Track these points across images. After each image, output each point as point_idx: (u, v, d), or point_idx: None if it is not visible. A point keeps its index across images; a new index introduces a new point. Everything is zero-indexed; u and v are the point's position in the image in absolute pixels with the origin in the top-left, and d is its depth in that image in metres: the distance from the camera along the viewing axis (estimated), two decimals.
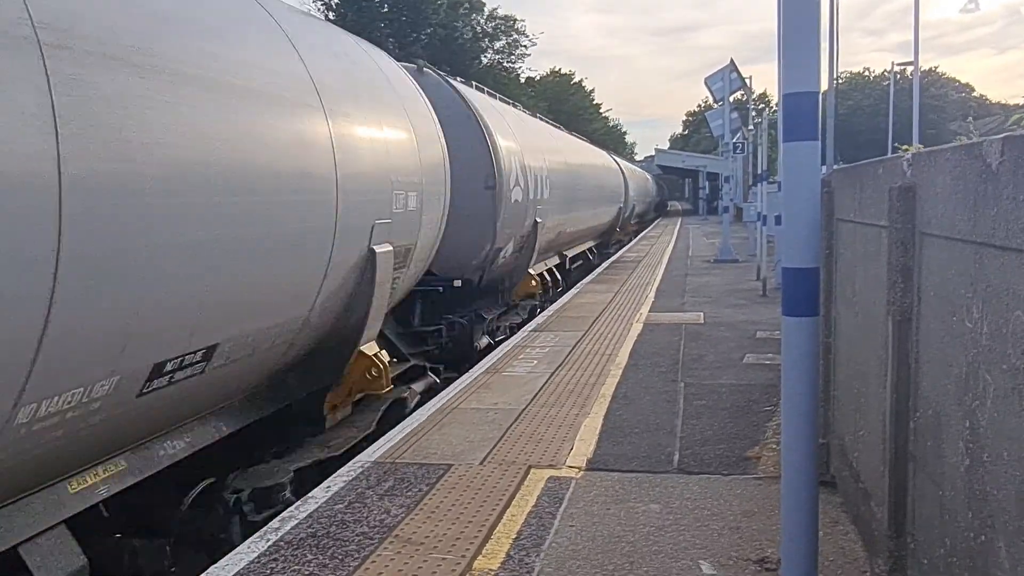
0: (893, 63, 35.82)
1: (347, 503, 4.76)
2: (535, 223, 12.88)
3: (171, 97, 3.94)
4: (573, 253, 19.60)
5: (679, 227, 40.80)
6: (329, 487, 5.02)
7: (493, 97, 13.76)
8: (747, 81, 22.64)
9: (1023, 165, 1.91)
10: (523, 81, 60.74)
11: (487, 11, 55.44)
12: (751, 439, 5.84)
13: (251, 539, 4.31)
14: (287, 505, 5.02)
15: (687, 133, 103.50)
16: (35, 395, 3.29)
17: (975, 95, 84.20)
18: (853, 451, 4.14)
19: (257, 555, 4.08)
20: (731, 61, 21.42)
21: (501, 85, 44.02)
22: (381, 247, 6.44)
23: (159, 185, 3.78)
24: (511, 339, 10.44)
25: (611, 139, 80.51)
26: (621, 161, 35.03)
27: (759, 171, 21.85)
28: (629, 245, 29.75)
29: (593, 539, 4.21)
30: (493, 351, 9.82)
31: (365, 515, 4.57)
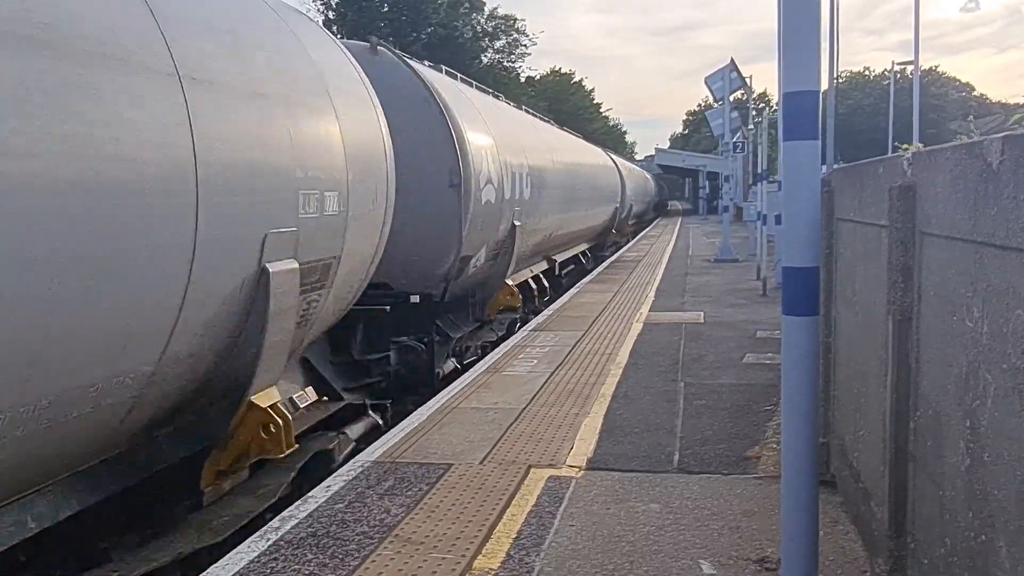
0: (893, 62, 35.81)
1: (347, 502, 4.76)
2: (513, 227, 11.36)
3: None
4: (564, 257, 18.35)
5: (679, 227, 40.81)
6: (329, 486, 5.03)
7: (468, 84, 12.39)
8: (747, 80, 22.67)
9: None
10: (523, 81, 60.79)
11: (487, 10, 55.55)
12: (751, 439, 5.84)
13: (251, 539, 4.31)
14: None
15: (687, 133, 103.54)
16: None
17: (975, 94, 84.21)
18: (853, 451, 4.14)
19: (257, 554, 4.08)
20: (731, 60, 21.45)
21: (501, 84, 44.07)
22: (279, 264, 4.88)
23: None
24: (511, 339, 10.38)
25: (611, 139, 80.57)
26: (618, 159, 33.86)
27: (759, 170, 21.88)
28: (628, 245, 29.72)
29: (593, 539, 4.21)
30: (490, 354, 9.76)
31: (365, 514, 4.57)
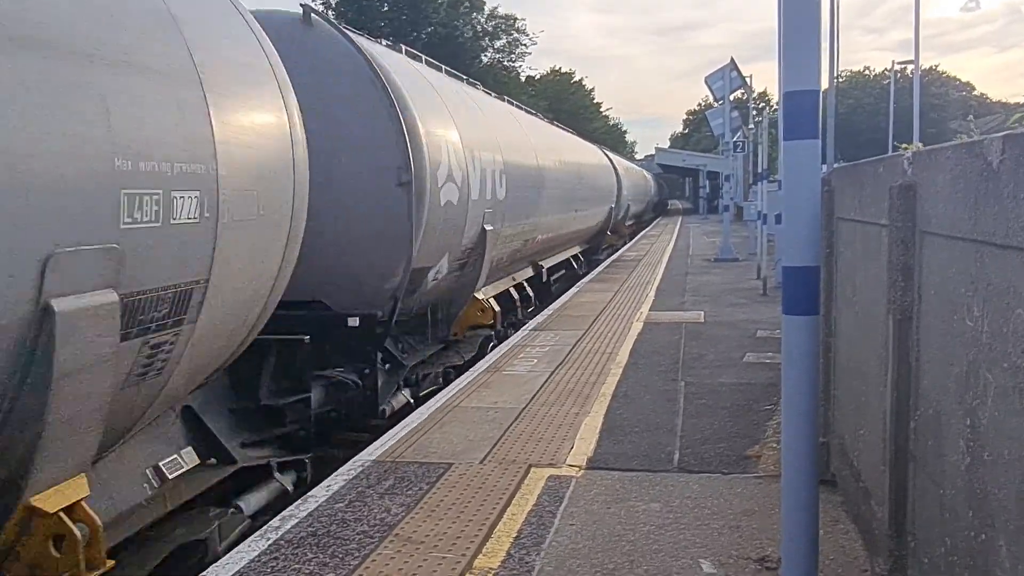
0: (894, 62, 35.87)
1: (347, 502, 4.76)
2: (483, 232, 9.73)
3: None
4: (552, 263, 16.85)
5: (679, 226, 40.81)
6: (330, 486, 5.03)
7: (437, 70, 10.92)
8: (747, 80, 22.68)
9: None
10: (523, 80, 60.77)
11: (487, 10, 55.51)
12: (751, 438, 5.84)
13: (251, 538, 4.31)
14: None
15: (687, 132, 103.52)
16: None
17: (976, 94, 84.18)
18: (853, 450, 4.14)
19: (258, 554, 4.08)
20: (731, 60, 21.47)
21: (501, 84, 44.08)
22: (77, 300, 3.33)
23: None
24: (511, 339, 10.36)
25: (611, 138, 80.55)
26: (615, 157, 32.25)
27: (759, 170, 21.86)
28: (628, 245, 29.67)
29: (593, 538, 4.21)
30: (492, 353, 9.75)
31: (365, 514, 4.57)
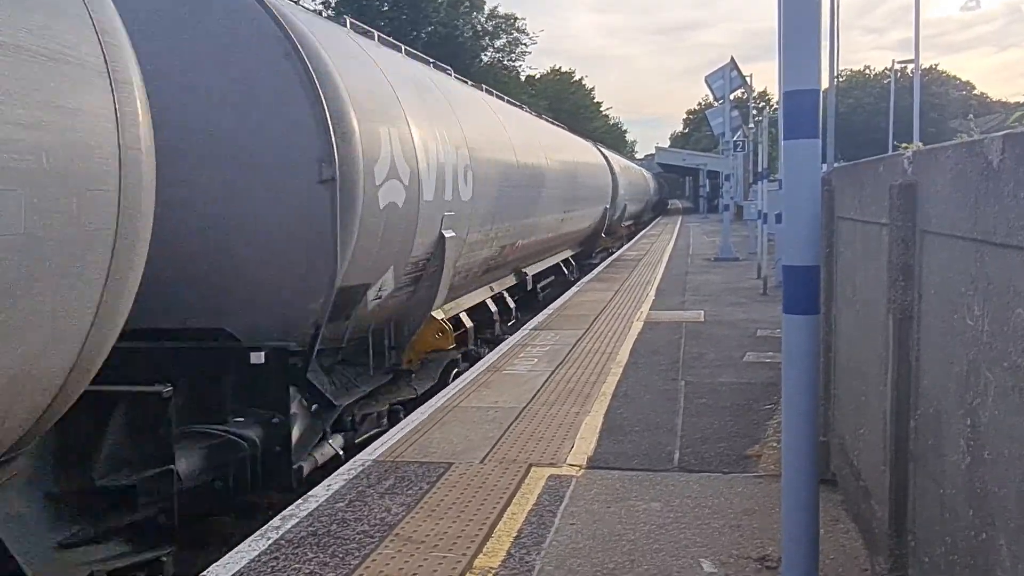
0: (894, 61, 35.86)
1: (347, 501, 4.76)
2: (441, 239, 8.18)
3: None
4: (539, 269, 15.43)
5: (679, 225, 40.80)
6: (330, 485, 5.03)
7: (396, 49, 9.10)
8: (747, 79, 22.67)
9: None
10: (523, 80, 60.75)
11: (487, 10, 55.47)
12: (751, 437, 5.84)
13: (251, 538, 4.31)
14: None
15: (688, 131, 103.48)
16: None
17: (976, 93, 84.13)
18: (853, 449, 4.15)
19: (258, 553, 4.08)
20: (731, 59, 21.46)
21: (501, 84, 44.02)
22: None
23: None
24: (511, 339, 10.34)
25: (611, 138, 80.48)
26: (611, 154, 30.69)
27: (759, 169, 21.86)
28: (628, 245, 29.63)
29: (594, 537, 4.21)
30: (490, 353, 9.70)
31: (366, 513, 4.57)
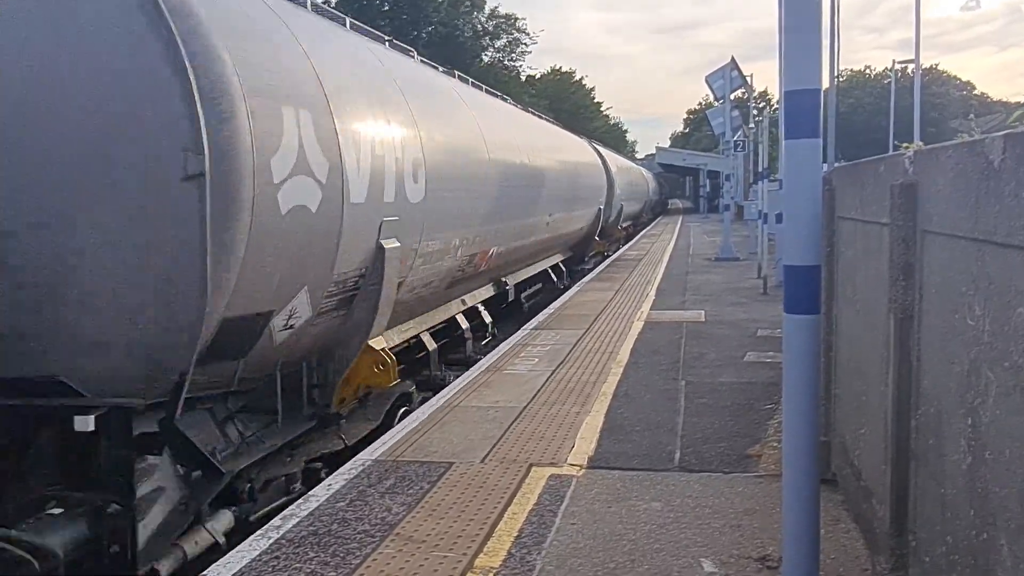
0: (894, 61, 35.83)
1: (348, 501, 4.76)
2: (380, 250, 6.51)
3: None
4: (523, 277, 14.08)
5: (680, 225, 40.79)
6: (330, 485, 5.03)
7: (340, 23, 7.97)
8: (748, 79, 22.68)
9: None
10: (523, 80, 60.72)
11: (488, 9, 55.48)
12: (752, 437, 5.84)
13: (252, 537, 4.31)
14: None
15: (688, 131, 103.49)
16: None
17: (976, 93, 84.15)
18: (854, 449, 4.14)
19: (259, 553, 4.08)
20: (732, 59, 21.45)
21: (501, 83, 44.01)
22: None
23: None
24: (511, 338, 10.31)
25: (612, 137, 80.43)
26: (607, 151, 28.83)
27: (760, 169, 21.87)
28: (627, 246, 29.60)
29: (594, 537, 4.21)
30: (492, 352, 9.69)
31: (366, 513, 4.57)
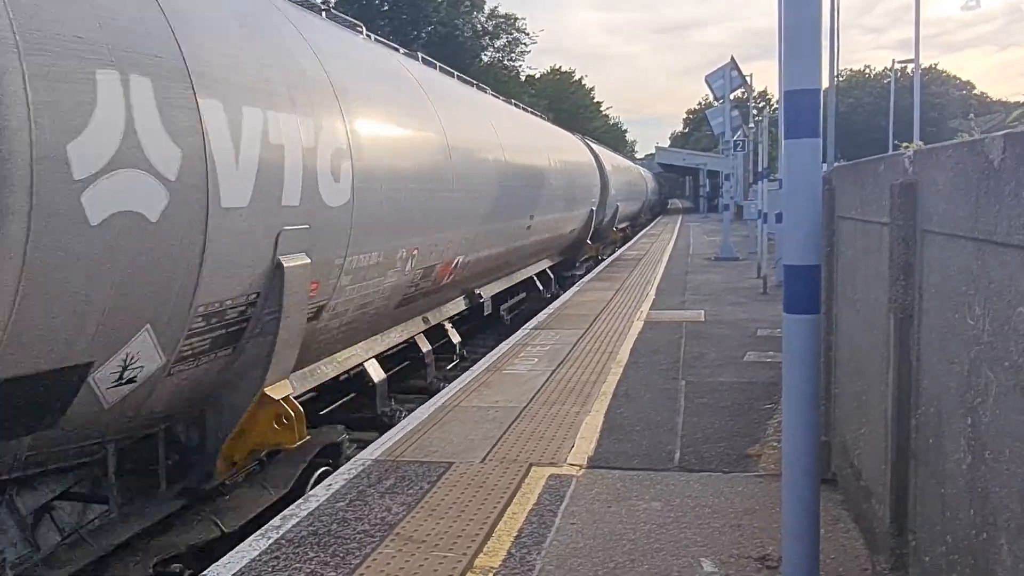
0: (894, 60, 35.89)
1: (348, 501, 4.76)
2: (276, 269, 5.23)
3: None
4: (503, 287, 12.54)
5: (679, 225, 40.79)
6: (330, 485, 5.03)
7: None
8: (747, 79, 22.67)
9: None
10: (523, 80, 60.69)
11: (488, 9, 55.43)
12: (752, 437, 5.84)
13: (252, 537, 4.31)
14: None
15: (688, 131, 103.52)
16: None
17: (976, 92, 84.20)
18: (854, 449, 4.14)
19: (259, 552, 4.08)
20: (732, 59, 21.44)
21: (501, 83, 44.01)
22: None
23: None
24: (511, 337, 10.34)
25: (612, 137, 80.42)
26: (601, 149, 27.48)
27: (760, 169, 21.87)
28: (627, 246, 29.57)
29: (594, 537, 4.21)
30: (492, 351, 9.72)
31: (366, 513, 4.57)
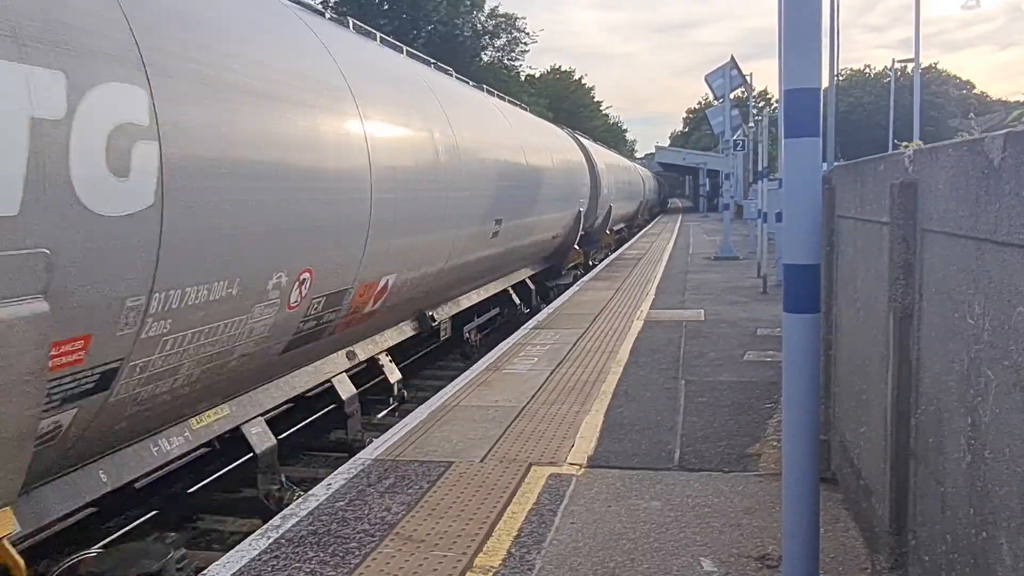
0: (894, 60, 35.87)
1: (348, 500, 4.76)
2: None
3: None
4: (466, 306, 11.21)
5: (679, 224, 40.79)
6: (330, 484, 5.03)
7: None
8: (747, 78, 22.66)
9: None
10: (523, 79, 60.65)
11: (488, 8, 55.38)
12: (752, 436, 5.84)
13: (252, 536, 4.31)
14: None
15: (688, 130, 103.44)
16: None
17: (976, 92, 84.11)
18: (854, 448, 4.14)
19: (259, 552, 4.08)
20: (732, 58, 21.44)
21: (501, 83, 43.98)
22: None
23: None
24: (511, 337, 10.33)
25: (612, 136, 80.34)
26: (593, 144, 25.47)
27: (759, 168, 21.86)
28: (627, 246, 29.54)
29: (594, 536, 4.21)
30: (493, 350, 9.73)
31: (366, 512, 4.57)
